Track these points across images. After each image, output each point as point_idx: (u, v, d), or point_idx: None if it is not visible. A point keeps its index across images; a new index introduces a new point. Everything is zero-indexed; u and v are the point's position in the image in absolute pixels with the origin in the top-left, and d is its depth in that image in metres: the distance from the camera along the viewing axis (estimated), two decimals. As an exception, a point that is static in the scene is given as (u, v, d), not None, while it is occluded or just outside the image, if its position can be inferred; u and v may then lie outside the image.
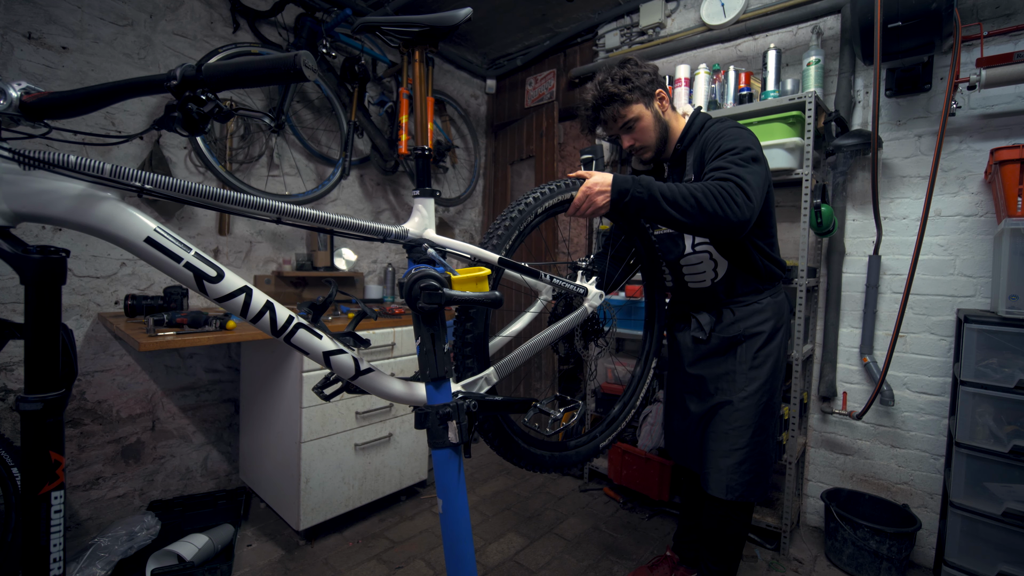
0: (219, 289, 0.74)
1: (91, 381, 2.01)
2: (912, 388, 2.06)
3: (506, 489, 2.59)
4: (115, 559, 1.68)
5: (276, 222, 0.80)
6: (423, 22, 0.94)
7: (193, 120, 0.66)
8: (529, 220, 1.10)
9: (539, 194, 1.13)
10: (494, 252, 1.01)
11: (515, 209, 1.08)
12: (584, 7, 2.91)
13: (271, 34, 2.51)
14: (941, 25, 1.75)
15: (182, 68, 0.64)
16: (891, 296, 2.10)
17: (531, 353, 1.14)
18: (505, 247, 1.05)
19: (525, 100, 3.52)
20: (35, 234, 1.87)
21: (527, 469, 1.18)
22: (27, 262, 0.64)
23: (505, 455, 1.13)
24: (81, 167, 0.64)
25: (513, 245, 1.08)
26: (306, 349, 0.84)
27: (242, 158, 2.41)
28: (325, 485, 2.04)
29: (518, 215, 1.07)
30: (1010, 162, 1.64)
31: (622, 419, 1.52)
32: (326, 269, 2.62)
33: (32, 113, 0.66)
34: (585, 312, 1.30)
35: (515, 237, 1.07)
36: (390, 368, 2.24)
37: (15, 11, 1.79)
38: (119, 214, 0.68)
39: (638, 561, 1.99)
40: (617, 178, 1.18)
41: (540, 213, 1.12)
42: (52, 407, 0.66)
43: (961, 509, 1.66)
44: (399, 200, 3.21)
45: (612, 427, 1.48)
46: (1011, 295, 1.60)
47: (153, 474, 2.20)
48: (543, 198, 1.13)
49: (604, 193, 1.18)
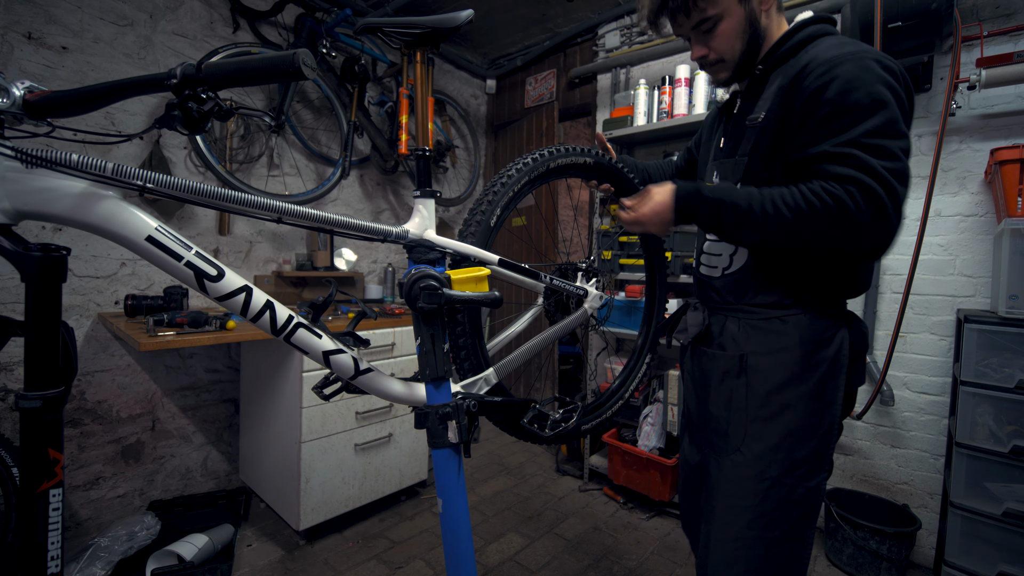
0: (219, 288, 0.74)
1: (91, 381, 2.01)
2: (912, 388, 2.06)
3: (506, 489, 2.59)
4: (115, 559, 1.68)
5: (276, 222, 0.80)
6: (425, 23, 0.94)
7: (193, 119, 0.66)
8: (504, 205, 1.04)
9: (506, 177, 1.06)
10: (471, 242, 1.00)
11: (483, 200, 1.04)
12: (584, 7, 2.91)
13: (271, 34, 2.51)
14: (941, 25, 1.75)
15: (182, 67, 0.65)
16: (891, 296, 2.10)
17: (531, 354, 1.14)
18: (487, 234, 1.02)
19: (525, 100, 3.52)
20: (35, 234, 1.87)
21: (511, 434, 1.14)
22: (28, 259, 0.64)
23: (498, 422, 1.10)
24: (83, 166, 0.64)
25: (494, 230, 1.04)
26: (306, 348, 0.84)
27: (242, 158, 2.41)
28: (325, 485, 2.04)
29: (487, 207, 1.03)
30: (1010, 162, 1.64)
31: (608, 407, 1.48)
32: (326, 269, 2.62)
33: (35, 112, 0.66)
34: (585, 313, 1.30)
35: (497, 219, 1.03)
36: (390, 368, 2.24)
37: (15, 11, 1.79)
38: (121, 213, 0.68)
39: (638, 561, 1.99)
40: (679, 188, 0.92)
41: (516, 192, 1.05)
42: (51, 405, 0.66)
43: (961, 509, 1.66)
44: (399, 200, 3.21)
45: (597, 413, 1.45)
46: (1011, 295, 1.60)
47: (153, 474, 2.20)
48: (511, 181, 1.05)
49: (660, 207, 0.93)
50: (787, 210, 0.80)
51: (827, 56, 0.82)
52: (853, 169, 0.76)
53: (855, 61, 0.80)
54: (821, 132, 0.81)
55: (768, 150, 0.91)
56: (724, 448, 0.97)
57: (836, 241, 0.79)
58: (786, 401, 0.92)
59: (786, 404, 0.92)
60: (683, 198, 0.90)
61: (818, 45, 0.88)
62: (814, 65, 0.83)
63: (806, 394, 0.91)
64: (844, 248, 0.80)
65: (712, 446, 1.01)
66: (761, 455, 0.92)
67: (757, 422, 0.93)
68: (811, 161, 0.82)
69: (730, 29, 0.92)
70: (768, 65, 0.95)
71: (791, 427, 0.91)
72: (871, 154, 0.76)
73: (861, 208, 0.75)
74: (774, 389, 0.93)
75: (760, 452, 0.92)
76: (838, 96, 0.79)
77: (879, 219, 0.75)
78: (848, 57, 0.81)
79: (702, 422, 1.05)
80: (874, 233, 0.76)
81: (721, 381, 0.99)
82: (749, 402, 0.95)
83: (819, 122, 0.81)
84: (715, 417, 1.00)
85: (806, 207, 0.78)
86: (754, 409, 0.94)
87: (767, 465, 0.92)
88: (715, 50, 0.95)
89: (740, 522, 0.92)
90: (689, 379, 1.12)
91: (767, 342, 0.95)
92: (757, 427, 0.93)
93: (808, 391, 0.91)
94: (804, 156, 0.83)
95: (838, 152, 0.78)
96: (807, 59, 0.85)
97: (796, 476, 0.91)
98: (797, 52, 0.91)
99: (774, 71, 0.94)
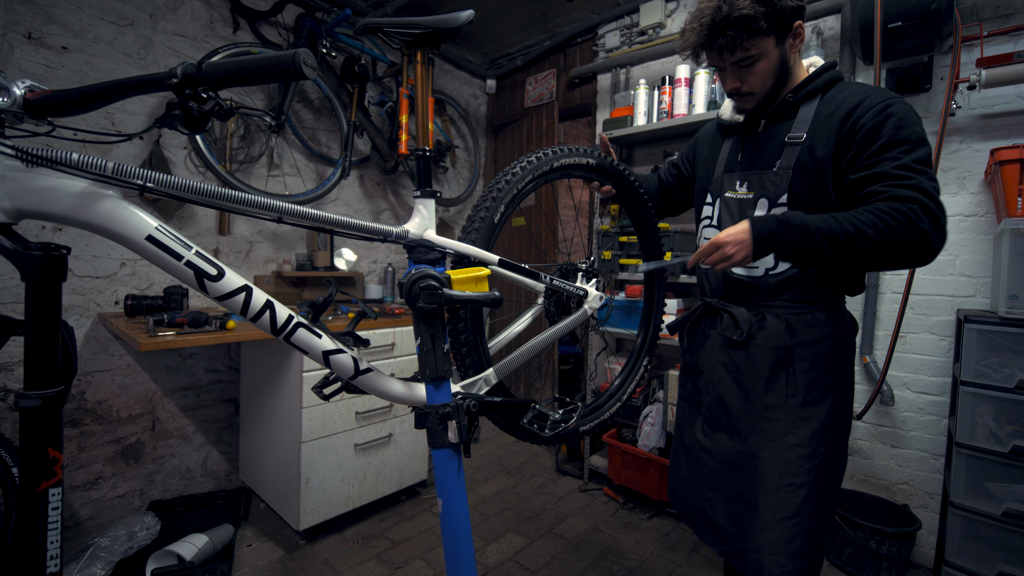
0: (219, 288, 0.74)
1: (91, 381, 2.01)
2: (912, 388, 2.06)
3: (506, 489, 2.59)
4: (115, 559, 1.68)
5: (277, 221, 0.80)
6: (425, 24, 0.94)
7: (194, 118, 0.66)
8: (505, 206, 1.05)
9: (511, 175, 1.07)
10: (473, 243, 1.01)
11: (487, 198, 1.05)
12: (584, 7, 2.91)
13: (271, 34, 2.51)
14: (941, 25, 1.75)
15: (183, 66, 0.65)
16: (891, 296, 2.10)
17: (531, 354, 1.14)
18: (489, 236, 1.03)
19: (525, 100, 3.52)
20: (35, 234, 1.87)
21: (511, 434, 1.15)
22: (28, 258, 0.64)
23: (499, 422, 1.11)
24: (84, 165, 0.64)
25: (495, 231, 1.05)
26: (305, 348, 0.84)
27: (242, 158, 2.41)
28: (325, 485, 2.04)
29: (487, 211, 1.04)
30: (1010, 162, 1.64)
31: (607, 408, 1.47)
32: (326, 269, 2.62)
33: (36, 111, 0.66)
34: (585, 314, 1.30)
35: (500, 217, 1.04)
36: (390, 368, 2.24)
37: (15, 11, 1.79)
38: (121, 212, 0.68)
39: (638, 561, 1.99)
40: (755, 223, 0.97)
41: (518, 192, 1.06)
42: (51, 404, 0.66)
43: (961, 509, 1.66)
44: (399, 200, 3.21)
45: (595, 415, 1.45)
46: (1011, 295, 1.60)
47: (153, 474, 2.20)
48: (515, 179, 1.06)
49: (741, 245, 0.98)
50: (872, 230, 0.91)
51: (880, 98, 0.97)
52: (912, 190, 0.90)
53: (900, 103, 0.96)
54: (881, 157, 0.95)
55: (811, 164, 1.03)
56: (775, 433, 1.06)
57: (909, 253, 0.92)
58: (829, 384, 1.06)
59: (829, 387, 1.06)
60: (759, 223, 0.98)
61: (850, 87, 1.04)
62: (869, 103, 0.97)
63: (840, 382, 1.07)
64: (915, 258, 0.93)
65: (762, 433, 1.08)
66: (813, 435, 1.03)
67: (808, 406, 1.05)
68: (872, 179, 0.95)
69: (766, 68, 1.03)
70: (798, 97, 1.08)
71: (834, 406, 1.05)
72: (923, 176, 0.91)
73: (925, 222, 0.89)
74: (820, 375, 1.05)
75: (812, 432, 1.03)
76: (894, 130, 0.94)
77: (937, 231, 0.90)
78: (894, 99, 0.96)
79: (744, 411, 1.11)
80: (935, 244, 0.90)
81: (771, 371, 1.08)
82: (799, 388, 1.05)
83: (879, 148, 0.95)
84: (764, 404, 1.08)
85: (885, 227, 0.89)
86: (803, 394, 1.05)
87: (819, 443, 1.03)
88: (749, 84, 1.06)
89: (797, 499, 1.01)
90: (723, 371, 1.16)
91: (810, 334, 1.06)
92: (808, 411, 1.04)
93: (842, 374, 1.08)
94: (865, 173, 0.96)
95: (897, 172, 0.92)
96: (858, 97, 0.99)
97: (838, 448, 1.06)
98: (826, 89, 1.06)
99: (803, 101, 1.08)
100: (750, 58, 1.01)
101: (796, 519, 1.01)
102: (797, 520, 1.01)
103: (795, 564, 1.00)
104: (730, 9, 0.95)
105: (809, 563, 1.01)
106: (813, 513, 1.01)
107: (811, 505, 1.01)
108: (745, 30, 0.97)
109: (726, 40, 0.99)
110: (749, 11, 0.95)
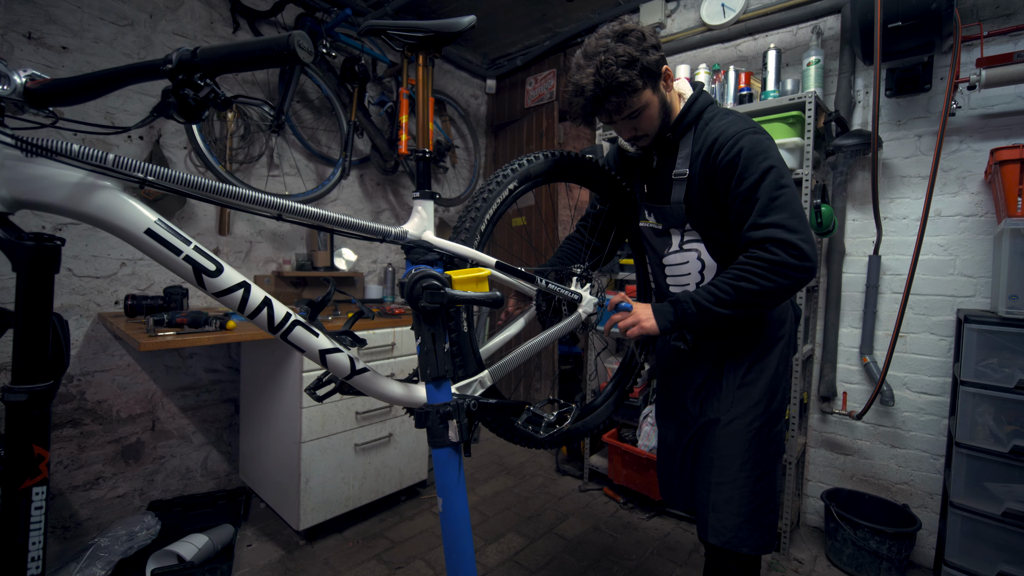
0: (217, 284, 0.74)
1: (91, 381, 2.01)
2: (912, 388, 2.06)
3: (506, 489, 2.59)
4: (115, 559, 1.68)
5: (277, 219, 0.80)
6: (428, 28, 0.95)
7: (189, 106, 0.65)
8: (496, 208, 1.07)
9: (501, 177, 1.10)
10: (465, 244, 1.01)
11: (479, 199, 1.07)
12: (584, 7, 2.91)
13: (271, 34, 2.50)
14: (941, 25, 1.75)
15: (178, 52, 0.64)
16: (891, 296, 2.10)
17: (526, 356, 1.14)
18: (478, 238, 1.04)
19: (525, 100, 3.52)
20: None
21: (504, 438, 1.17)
22: (19, 248, 0.62)
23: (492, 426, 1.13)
24: (84, 156, 0.63)
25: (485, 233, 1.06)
26: (302, 346, 0.83)
27: (242, 158, 2.42)
28: (325, 485, 2.04)
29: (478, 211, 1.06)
30: (1010, 162, 1.64)
31: (598, 417, 1.47)
32: (326, 269, 2.62)
33: (36, 100, 0.65)
34: (579, 318, 1.29)
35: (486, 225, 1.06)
36: (390, 368, 2.24)
37: (15, 11, 1.80)
38: (119, 204, 0.67)
39: (638, 561, 1.99)
40: (656, 310, 1.14)
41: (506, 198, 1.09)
42: (38, 399, 0.64)
43: (961, 509, 1.65)
44: (399, 200, 3.21)
45: (584, 422, 1.44)
46: (1011, 295, 1.60)
47: (153, 474, 2.20)
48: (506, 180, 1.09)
49: (651, 321, 1.14)
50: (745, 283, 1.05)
51: (731, 132, 1.10)
52: (764, 229, 1.03)
53: (749, 135, 1.09)
54: (736, 192, 1.09)
55: (698, 195, 1.18)
56: (718, 409, 1.23)
57: (786, 284, 1.03)
58: (762, 367, 1.22)
59: (762, 369, 1.22)
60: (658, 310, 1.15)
61: (712, 119, 1.17)
62: (722, 141, 1.11)
63: (772, 362, 1.23)
64: (794, 285, 1.03)
65: (706, 411, 1.26)
66: (748, 410, 1.20)
67: (744, 387, 1.22)
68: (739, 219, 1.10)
69: (652, 113, 1.16)
70: (675, 134, 1.21)
71: (767, 386, 1.21)
72: (775, 203, 1.04)
73: (783, 256, 1.01)
74: (754, 360, 1.22)
75: (748, 408, 1.20)
76: (744, 168, 1.07)
77: (798, 258, 1.01)
78: (744, 132, 1.09)
79: (697, 397, 1.29)
80: (803, 267, 1.01)
81: (715, 362, 1.26)
82: (737, 372, 1.23)
83: (735, 185, 1.09)
84: (710, 389, 1.26)
85: (756, 276, 1.03)
86: (740, 377, 1.22)
87: (753, 418, 1.19)
88: (641, 130, 1.19)
89: (734, 466, 1.18)
90: (678, 369, 1.35)
91: (747, 329, 1.23)
92: (744, 391, 1.21)
93: (775, 357, 1.23)
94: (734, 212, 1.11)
95: (752, 212, 1.06)
96: (715, 133, 1.13)
97: (771, 423, 1.21)
98: (697, 121, 1.20)
99: (681, 139, 1.21)
100: (636, 111, 1.14)
101: (732, 484, 1.18)
102: (732, 486, 1.17)
103: (734, 521, 1.16)
104: (607, 82, 1.07)
105: (745, 521, 1.16)
106: (748, 479, 1.17)
107: (745, 472, 1.17)
108: (626, 93, 1.09)
109: (612, 105, 1.11)
110: (624, 78, 1.07)
